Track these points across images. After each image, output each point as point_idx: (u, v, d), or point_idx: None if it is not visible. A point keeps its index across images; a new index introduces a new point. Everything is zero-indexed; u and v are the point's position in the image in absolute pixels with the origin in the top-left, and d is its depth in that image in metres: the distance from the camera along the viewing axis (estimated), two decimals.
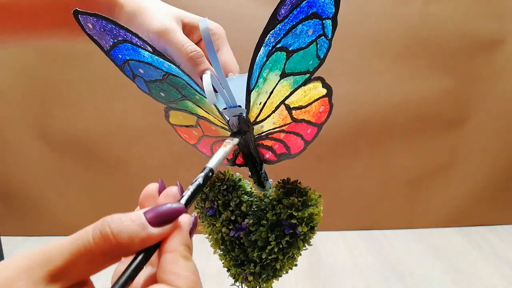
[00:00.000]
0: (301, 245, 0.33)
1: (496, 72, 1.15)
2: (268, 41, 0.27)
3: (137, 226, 0.19)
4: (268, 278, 0.34)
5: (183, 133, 0.39)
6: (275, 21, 0.26)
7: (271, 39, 0.27)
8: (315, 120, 0.31)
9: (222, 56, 0.36)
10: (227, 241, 0.35)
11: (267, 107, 0.31)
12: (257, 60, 0.28)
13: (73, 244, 0.18)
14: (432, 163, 1.22)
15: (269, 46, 0.27)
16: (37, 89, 1.15)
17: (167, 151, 1.20)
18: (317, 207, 0.32)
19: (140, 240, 0.19)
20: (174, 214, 0.20)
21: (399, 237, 1.21)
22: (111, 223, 0.18)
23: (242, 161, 0.36)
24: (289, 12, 0.25)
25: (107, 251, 0.18)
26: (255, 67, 0.28)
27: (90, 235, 0.18)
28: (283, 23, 0.26)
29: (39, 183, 1.22)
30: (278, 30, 0.26)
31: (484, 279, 0.98)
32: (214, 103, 0.26)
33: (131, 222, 0.19)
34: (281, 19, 0.26)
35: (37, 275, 0.17)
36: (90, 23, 0.29)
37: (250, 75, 0.28)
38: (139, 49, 0.29)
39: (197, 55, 0.32)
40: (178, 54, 0.32)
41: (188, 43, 0.32)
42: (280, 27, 0.26)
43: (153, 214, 0.20)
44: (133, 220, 0.19)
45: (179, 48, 0.32)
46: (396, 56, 1.14)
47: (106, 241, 0.18)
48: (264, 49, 0.27)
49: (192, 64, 0.32)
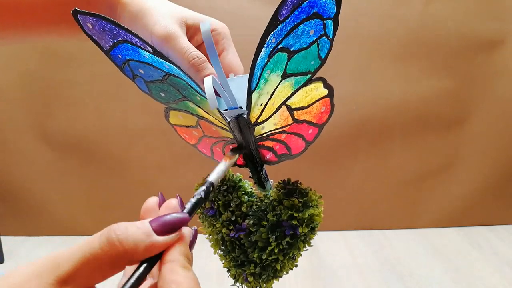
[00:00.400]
0: (301, 246, 0.33)
1: (496, 72, 1.15)
2: (269, 42, 0.27)
3: (142, 233, 0.19)
4: (268, 279, 0.34)
5: (183, 133, 0.39)
6: (276, 21, 0.26)
7: (273, 40, 0.27)
8: (316, 120, 0.31)
9: (227, 57, 0.36)
10: (228, 241, 0.35)
11: (268, 108, 0.31)
12: (258, 61, 0.28)
13: (81, 251, 0.18)
14: (432, 163, 1.22)
15: (270, 47, 0.27)
16: (38, 89, 1.15)
17: (167, 151, 1.20)
18: (317, 208, 0.32)
19: (144, 248, 0.19)
20: (179, 224, 0.21)
21: (399, 237, 1.21)
22: (117, 230, 0.19)
23: (242, 162, 0.36)
24: (290, 12, 0.25)
25: (114, 257, 0.18)
26: (256, 68, 0.28)
27: (97, 242, 0.19)
28: (284, 23, 0.26)
29: (39, 183, 1.22)
30: (279, 30, 0.26)
31: (484, 279, 0.98)
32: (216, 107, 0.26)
33: (136, 229, 0.19)
34: (282, 20, 0.26)
35: (46, 281, 0.17)
36: (90, 23, 0.28)
37: (251, 76, 0.28)
38: (139, 49, 0.29)
39: (198, 61, 0.32)
40: (180, 60, 0.32)
41: (190, 49, 0.32)
42: (282, 28, 0.26)
43: (158, 223, 0.20)
44: (139, 227, 0.19)
45: (182, 55, 0.32)
46: (396, 56, 1.14)
47: (113, 247, 0.18)
48: (266, 49, 0.27)
49: (194, 70, 0.32)
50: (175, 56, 0.32)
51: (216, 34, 0.36)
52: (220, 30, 0.36)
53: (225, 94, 0.28)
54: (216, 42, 0.36)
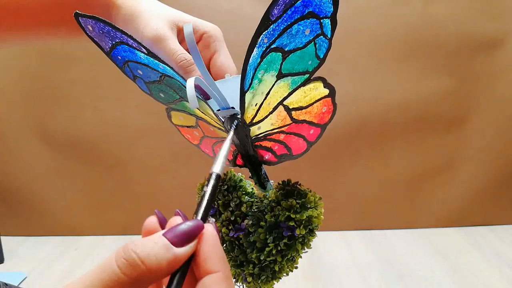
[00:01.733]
0: (300, 248, 0.33)
1: (496, 72, 1.15)
2: (261, 42, 0.26)
3: (162, 248, 0.18)
4: (267, 280, 0.34)
5: (186, 134, 0.39)
6: (267, 21, 0.25)
7: (265, 40, 0.26)
8: (317, 120, 0.30)
9: (219, 59, 0.36)
10: (227, 241, 0.35)
11: (263, 108, 0.31)
12: (250, 61, 0.27)
13: (100, 280, 0.17)
14: (432, 163, 1.22)
15: (262, 47, 0.27)
16: (38, 89, 1.15)
17: (167, 151, 1.20)
18: (316, 210, 0.32)
19: (167, 263, 0.18)
20: (196, 231, 0.19)
21: (399, 237, 1.21)
22: (136, 248, 0.17)
23: (242, 162, 0.36)
24: (283, 12, 0.25)
25: (138, 279, 0.17)
26: (248, 68, 0.28)
27: (115, 265, 0.17)
28: (276, 23, 0.26)
29: (39, 183, 1.22)
30: (271, 30, 0.26)
31: (484, 279, 0.98)
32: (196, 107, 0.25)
33: (154, 245, 0.18)
34: (274, 20, 0.25)
35: None
36: (90, 25, 0.29)
37: (243, 76, 0.28)
38: (135, 50, 0.29)
39: (186, 63, 0.32)
40: (170, 62, 0.32)
41: (178, 51, 0.33)
42: (274, 28, 0.26)
43: (174, 235, 0.19)
44: (156, 242, 0.18)
45: (170, 56, 0.32)
46: (396, 56, 1.14)
47: (135, 268, 0.17)
48: (258, 50, 0.27)
49: (182, 72, 0.32)
50: (165, 58, 0.33)
51: (207, 36, 0.36)
52: (211, 33, 0.36)
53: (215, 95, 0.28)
54: (207, 44, 0.36)
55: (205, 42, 0.36)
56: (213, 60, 0.36)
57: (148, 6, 0.34)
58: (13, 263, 1.11)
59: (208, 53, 0.37)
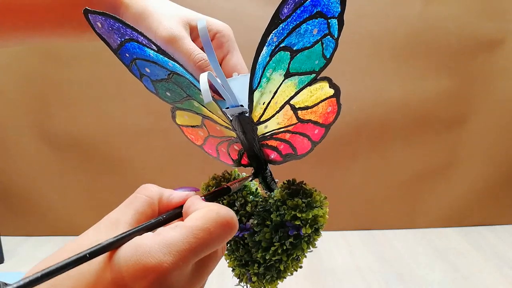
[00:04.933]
0: (305, 247, 0.33)
1: (496, 72, 1.15)
2: (270, 41, 0.27)
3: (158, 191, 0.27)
4: (272, 279, 0.34)
5: (189, 134, 0.38)
6: (277, 20, 0.26)
7: (274, 39, 0.26)
8: (322, 120, 0.30)
9: (232, 60, 0.36)
10: (232, 241, 0.35)
11: (270, 107, 0.31)
12: (259, 60, 0.27)
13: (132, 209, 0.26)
14: (432, 163, 1.22)
15: (272, 46, 0.27)
16: (37, 89, 1.15)
17: (167, 151, 1.20)
18: (322, 209, 0.32)
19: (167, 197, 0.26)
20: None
21: (399, 237, 1.21)
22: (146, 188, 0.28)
23: (247, 162, 0.36)
24: (292, 11, 0.25)
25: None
26: (257, 67, 0.28)
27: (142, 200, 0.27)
28: (286, 22, 0.26)
29: (39, 183, 1.21)
30: (281, 29, 0.26)
31: (484, 279, 0.99)
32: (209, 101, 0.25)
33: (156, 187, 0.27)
34: (284, 19, 0.26)
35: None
36: (99, 22, 0.29)
37: (252, 75, 0.28)
38: (145, 47, 0.29)
39: (205, 63, 0.32)
40: (186, 62, 0.32)
41: (196, 51, 0.32)
42: (283, 27, 0.26)
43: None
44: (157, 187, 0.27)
45: (187, 56, 0.32)
46: (396, 56, 1.14)
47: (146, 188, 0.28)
48: (267, 48, 0.27)
49: (200, 72, 0.31)
50: (180, 58, 0.32)
51: (220, 36, 0.36)
52: (224, 32, 0.36)
53: (225, 92, 0.28)
54: (220, 44, 0.36)
55: (218, 42, 0.36)
56: (225, 60, 0.36)
57: (159, 5, 0.34)
58: (13, 263, 1.11)
59: (220, 53, 0.36)
